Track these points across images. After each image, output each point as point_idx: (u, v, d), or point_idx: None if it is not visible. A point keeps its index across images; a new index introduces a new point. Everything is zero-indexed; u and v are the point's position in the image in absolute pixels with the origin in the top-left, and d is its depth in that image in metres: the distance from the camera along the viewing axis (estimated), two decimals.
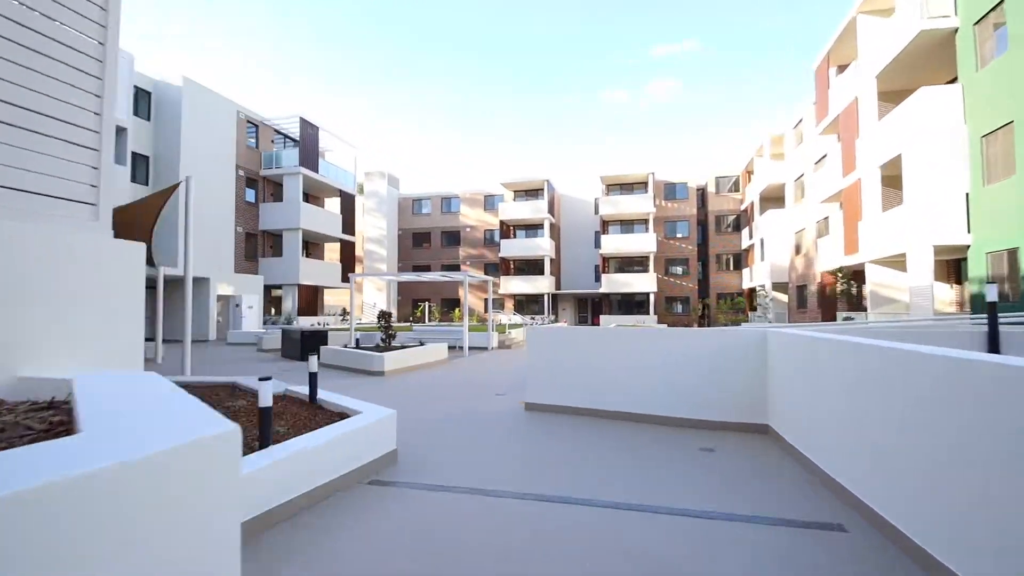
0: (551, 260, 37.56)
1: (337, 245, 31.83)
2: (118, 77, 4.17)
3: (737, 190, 36.52)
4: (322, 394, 4.80)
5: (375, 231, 41.90)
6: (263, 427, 2.99)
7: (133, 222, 9.77)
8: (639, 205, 35.57)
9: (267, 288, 26.74)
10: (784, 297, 29.02)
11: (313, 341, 12.89)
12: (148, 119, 22.18)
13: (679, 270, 37.36)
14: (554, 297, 38.86)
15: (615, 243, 35.95)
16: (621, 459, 4.41)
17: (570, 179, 42.19)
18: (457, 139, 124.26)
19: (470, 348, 15.64)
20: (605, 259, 36.83)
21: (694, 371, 5.40)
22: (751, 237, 32.51)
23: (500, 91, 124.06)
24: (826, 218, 22.52)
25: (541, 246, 36.74)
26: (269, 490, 2.82)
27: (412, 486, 3.63)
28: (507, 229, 38.69)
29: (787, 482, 3.79)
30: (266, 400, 2.94)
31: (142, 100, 22.02)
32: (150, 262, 12.32)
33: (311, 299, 27.68)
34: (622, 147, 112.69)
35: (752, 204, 32.28)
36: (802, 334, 4.30)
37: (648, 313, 34.78)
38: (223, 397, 4.96)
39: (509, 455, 4.56)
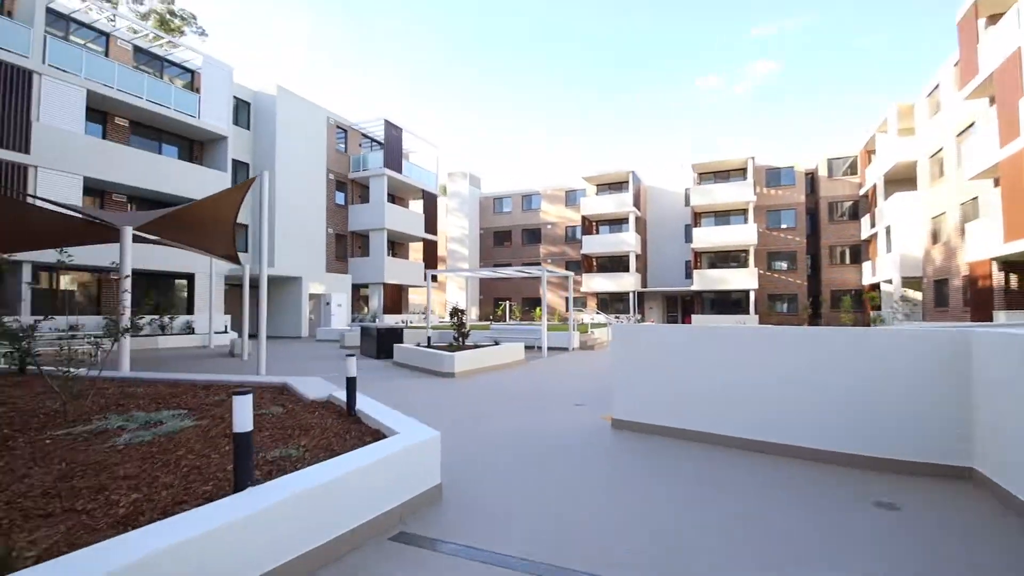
0: (636, 256, 35.51)
1: (420, 244, 32.37)
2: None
3: (854, 173, 32.03)
4: (366, 403, 4.09)
5: (457, 231, 42.34)
6: (239, 460, 2.22)
7: (214, 216, 9.96)
8: (736, 193, 32.44)
9: (355, 287, 27.70)
10: (917, 294, 24.81)
11: (388, 339, 12.65)
12: (248, 128, 23.73)
13: (784, 265, 33.56)
14: (639, 295, 36.71)
15: (709, 236, 33.11)
16: (753, 524, 3.03)
17: (657, 170, 39.71)
18: (540, 136, 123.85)
19: (549, 348, 14.68)
20: (697, 254, 34.08)
21: (849, 387, 3.97)
22: (873, 226, 28.28)
23: (587, 86, 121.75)
24: (975, 198, 18.71)
25: (625, 241, 34.83)
26: (239, 558, 2.02)
27: (451, 547, 2.68)
28: (589, 225, 37.20)
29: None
30: (243, 424, 2.16)
31: (242, 110, 23.59)
32: (236, 260, 12.78)
33: (396, 297, 28.29)
34: (717, 135, 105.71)
35: (874, 188, 28.03)
36: None
37: (747, 312, 31.61)
38: (265, 400, 4.42)
39: (591, 502, 3.43)
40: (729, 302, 33.82)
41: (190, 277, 19.87)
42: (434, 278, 30.68)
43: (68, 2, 16.58)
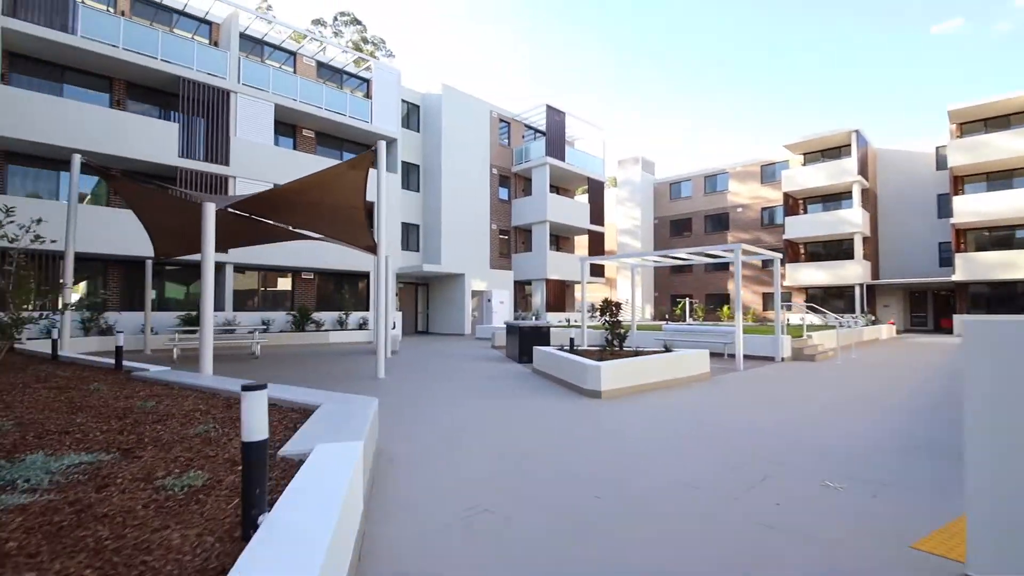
0: (863, 239, 27.57)
1: (586, 238, 30.09)
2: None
3: None
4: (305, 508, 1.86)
5: (628, 222, 38.90)
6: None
7: (343, 201, 9.06)
8: None
9: (518, 284, 26.70)
10: None
11: (531, 339, 10.60)
12: (417, 130, 24.40)
13: None
14: (869, 289, 28.49)
15: (982, 205, 23.83)
16: None
17: (890, 129, 30.46)
18: (726, 110, 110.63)
19: (745, 357, 10.92)
20: (960, 232, 24.91)
21: None
22: None
23: (785, 44, 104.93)
24: None
25: (847, 220, 27.26)
26: None
27: None
28: (793, 203, 30.28)
29: None
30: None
31: (412, 114, 24.34)
32: (373, 250, 12.12)
33: (559, 294, 26.51)
34: (971, 83, 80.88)
35: None
36: None
37: None
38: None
39: None
40: (1017, 296, 23.88)
41: (367, 276, 20.91)
42: (596, 270, 28.14)
43: (258, 27, 18.57)
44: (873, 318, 25.17)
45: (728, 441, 4.58)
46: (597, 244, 28.68)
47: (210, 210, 7.38)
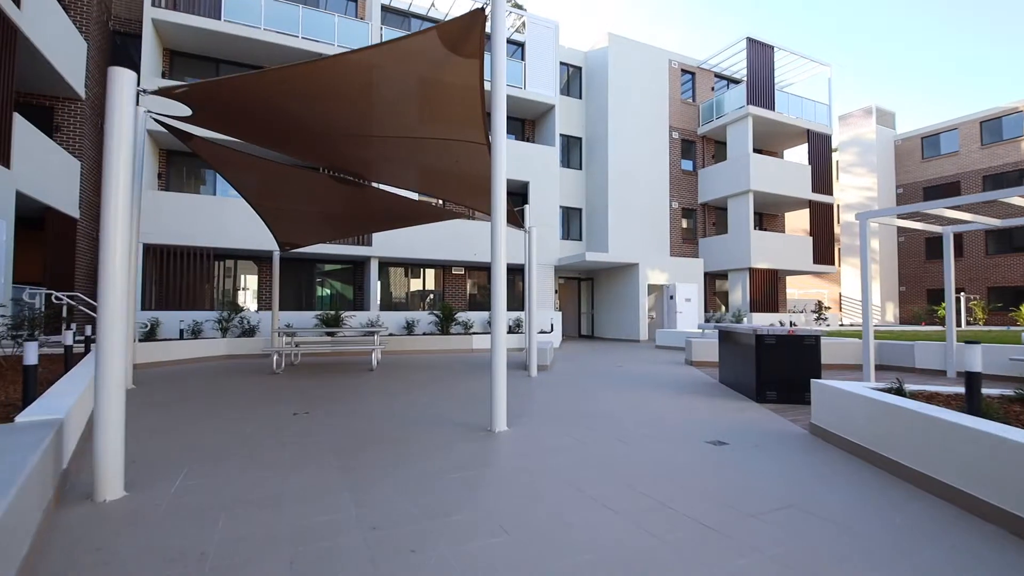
0: None
1: (803, 213, 22.72)
2: None
3: None
4: None
5: (858, 194, 29.42)
6: None
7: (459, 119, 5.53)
8: None
9: (707, 276, 20.93)
10: None
11: (790, 359, 5.74)
12: (580, 97, 20.48)
13: None
14: None
15: None
16: None
17: None
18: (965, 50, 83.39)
19: None
20: None
21: None
22: None
23: None
24: None
25: None
26: None
27: None
28: None
29: None
30: None
31: (573, 79, 20.50)
32: (519, 223, 8.44)
33: (768, 289, 19.95)
34: None
35: None
36: None
37: None
38: None
39: None
40: None
41: (521, 270, 17.73)
42: (821, 256, 20.36)
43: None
44: None
45: None
46: (822, 219, 21.23)
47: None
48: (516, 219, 7.86)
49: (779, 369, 5.85)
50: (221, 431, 4.48)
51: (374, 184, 7.88)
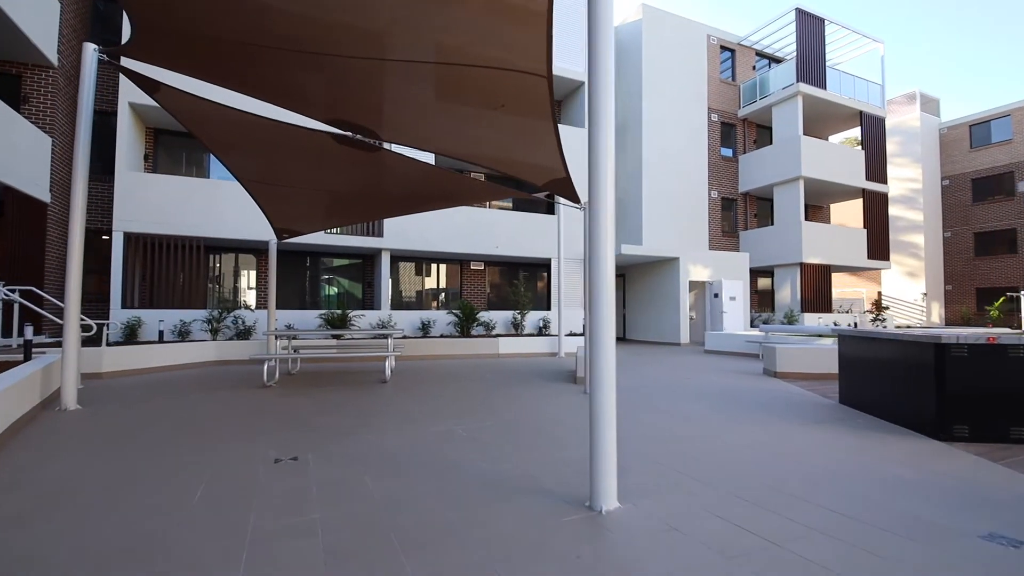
0: None
1: (846, 206, 20.82)
2: None
3: None
4: None
5: (900, 186, 27.38)
6: None
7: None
8: None
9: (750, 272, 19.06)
10: None
11: (990, 379, 3.96)
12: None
13: None
14: None
15: None
16: None
17: None
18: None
19: None
20: None
21: None
22: None
23: None
24: None
25: None
26: None
27: None
28: None
29: None
30: None
31: None
32: (573, 195, 6.70)
33: (819, 286, 18.01)
34: None
35: None
36: None
37: None
38: None
39: None
40: None
41: (547, 265, 16.01)
42: (874, 252, 18.34)
43: None
44: None
45: None
46: (877, 209, 19.29)
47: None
48: (572, 192, 6.11)
49: (974, 393, 4.06)
50: (145, 511, 2.77)
51: (388, 147, 6.16)
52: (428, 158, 11.50)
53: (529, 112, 4.76)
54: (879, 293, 28.66)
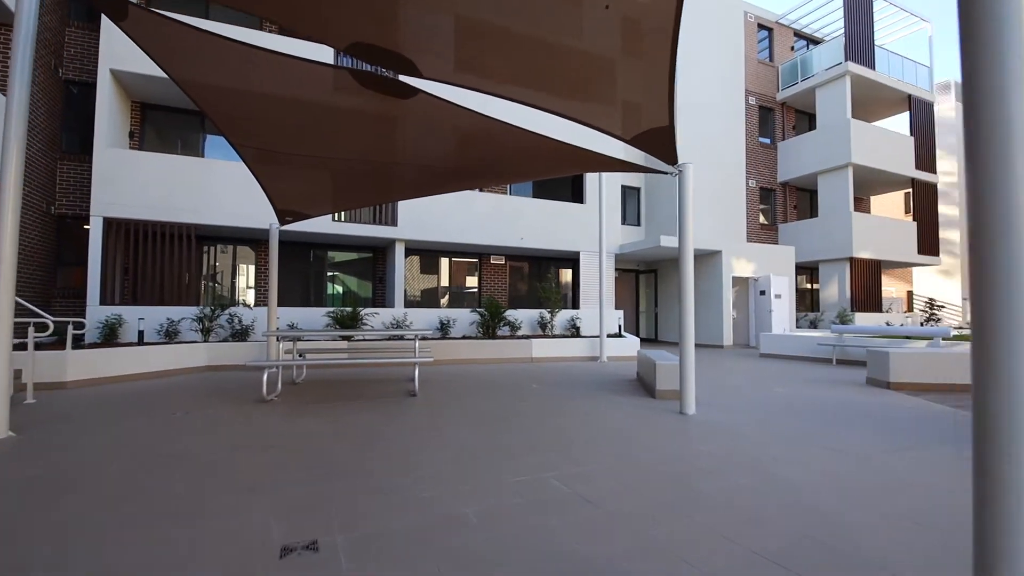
0: None
1: (888, 197, 19.37)
2: None
3: None
4: None
5: (939, 179, 25.86)
6: None
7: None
8: None
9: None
10: None
11: None
12: None
13: None
14: None
15: None
16: None
17: None
18: None
19: None
20: None
21: None
22: None
23: None
24: None
25: None
26: None
27: None
28: None
29: None
30: None
31: None
32: (672, 154, 5.31)
33: (870, 283, 16.54)
34: None
35: None
36: None
37: None
38: None
39: None
40: None
41: (574, 261, 14.57)
42: (926, 246, 17.17)
43: None
44: None
45: None
46: (927, 203, 17.86)
47: None
48: (670, 148, 4.66)
49: None
50: None
51: (426, 91, 4.70)
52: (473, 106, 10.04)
53: (640, 18, 3.35)
54: (908, 292, 27.19)
